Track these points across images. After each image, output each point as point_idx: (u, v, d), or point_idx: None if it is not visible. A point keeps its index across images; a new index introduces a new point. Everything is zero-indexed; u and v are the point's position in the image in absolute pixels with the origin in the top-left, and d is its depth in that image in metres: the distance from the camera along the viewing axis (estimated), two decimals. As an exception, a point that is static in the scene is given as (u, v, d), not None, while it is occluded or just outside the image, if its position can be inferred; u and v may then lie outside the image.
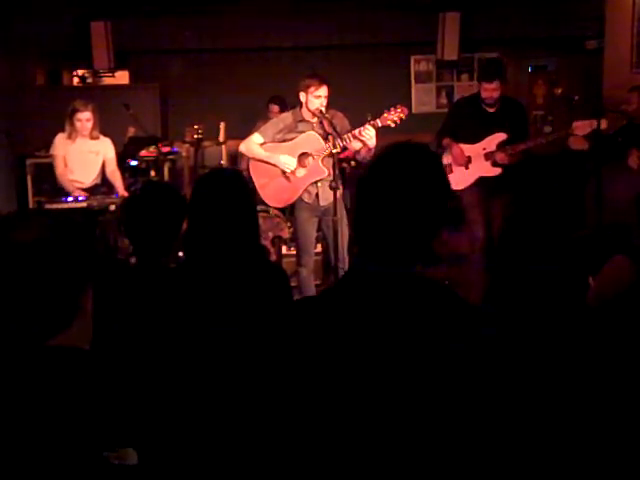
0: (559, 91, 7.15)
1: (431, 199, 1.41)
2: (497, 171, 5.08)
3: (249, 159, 4.81)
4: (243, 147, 4.79)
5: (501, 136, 5.06)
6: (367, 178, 1.46)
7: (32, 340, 1.30)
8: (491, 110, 5.17)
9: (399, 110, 4.41)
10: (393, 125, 4.40)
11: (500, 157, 5.02)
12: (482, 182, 5.15)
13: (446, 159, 5.30)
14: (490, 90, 5.06)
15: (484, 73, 5.29)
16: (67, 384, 1.28)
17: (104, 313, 1.62)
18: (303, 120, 4.58)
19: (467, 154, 5.17)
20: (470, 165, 5.17)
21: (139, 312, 2.28)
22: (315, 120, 4.55)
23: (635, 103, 5.23)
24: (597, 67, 6.94)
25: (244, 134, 7.21)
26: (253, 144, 4.71)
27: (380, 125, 4.38)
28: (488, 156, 5.11)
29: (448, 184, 1.48)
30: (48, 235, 1.33)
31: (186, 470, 1.94)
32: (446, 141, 5.26)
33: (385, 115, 4.42)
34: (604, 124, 4.77)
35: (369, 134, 4.33)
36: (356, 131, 4.38)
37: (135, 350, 2.14)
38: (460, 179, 5.21)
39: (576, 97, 5.39)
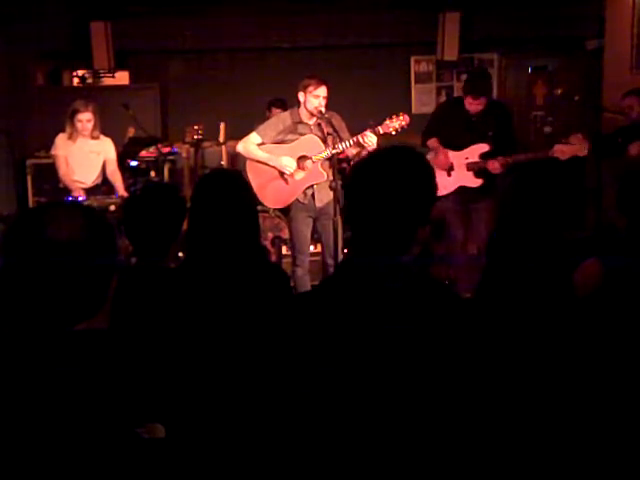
0: (559, 91, 7.12)
1: (414, 195, 1.54)
2: (478, 182, 5.00)
3: (246, 159, 4.79)
4: (241, 147, 4.78)
5: (484, 147, 4.95)
6: (356, 177, 1.59)
7: (58, 326, 1.33)
8: (474, 117, 5.02)
9: (401, 118, 4.41)
10: (394, 133, 4.40)
11: (493, 166, 4.87)
12: (462, 190, 5.05)
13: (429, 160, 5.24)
14: (475, 104, 4.90)
15: (471, 88, 4.93)
16: (92, 364, 1.32)
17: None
18: (301, 122, 4.57)
19: (451, 161, 5.05)
20: (452, 172, 5.05)
21: (139, 312, 2.29)
22: (313, 122, 4.53)
23: (637, 105, 5.20)
24: (597, 67, 6.93)
25: (244, 134, 7.21)
26: (251, 144, 4.70)
27: (382, 132, 4.38)
28: (470, 166, 5.00)
29: (432, 183, 1.58)
30: (81, 232, 1.37)
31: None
32: (433, 143, 5.12)
33: (387, 122, 4.42)
34: (584, 152, 4.65)
35: (371, 140, 4.34)
36: (358, 137, 4.37)
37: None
38: (440, 186, 5.10)
39: (576, 97, 5.36)
